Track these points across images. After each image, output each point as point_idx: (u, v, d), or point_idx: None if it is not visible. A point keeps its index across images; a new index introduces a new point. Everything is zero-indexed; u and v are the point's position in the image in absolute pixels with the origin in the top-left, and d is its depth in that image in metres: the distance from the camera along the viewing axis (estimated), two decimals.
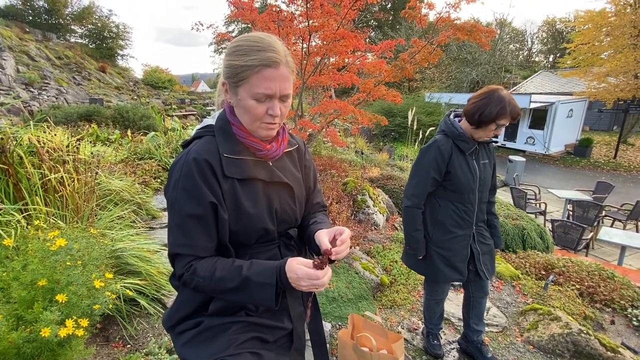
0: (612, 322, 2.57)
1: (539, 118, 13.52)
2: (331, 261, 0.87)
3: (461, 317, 2.43)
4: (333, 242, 0.91)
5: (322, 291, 0.86)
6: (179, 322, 0.96)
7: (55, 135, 2.59)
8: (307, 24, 4.59)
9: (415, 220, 1.81)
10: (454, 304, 2.68)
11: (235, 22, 26.58)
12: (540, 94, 16.71)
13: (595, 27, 13.43)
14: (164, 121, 9.50)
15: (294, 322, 1.00)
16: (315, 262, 0.82)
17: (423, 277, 3.10)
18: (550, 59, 28.96)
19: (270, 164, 0.97)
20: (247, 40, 0.85)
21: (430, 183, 1.74)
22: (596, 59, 13.79)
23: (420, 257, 1.87)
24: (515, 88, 20.08)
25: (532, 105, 12.75)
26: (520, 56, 28.65)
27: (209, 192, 0.85)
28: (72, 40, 22.84)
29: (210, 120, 0.97)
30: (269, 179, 0.94)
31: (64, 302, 1.27)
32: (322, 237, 0.92)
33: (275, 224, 0.96)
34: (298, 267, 0.81)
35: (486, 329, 2.38)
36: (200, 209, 0.85)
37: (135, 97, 18.49)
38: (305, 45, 4.85)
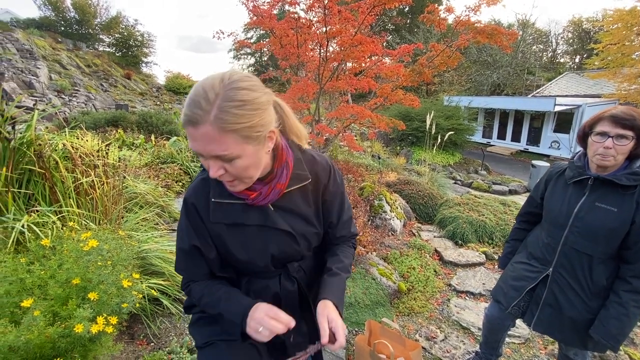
0: None
1: (564, 121, 13.02)
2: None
3: (481, 327, 2.37)
4: (331, 335, 0.86)
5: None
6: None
7: (86, 140, 2.74)
8: (324, 30, 4.65)
9: (511, 231, 1.86)
10: (473, 312, 2.62)
11: (254, 29, 27.10)
12: (566, 96, 16.08)
13: (626, 27, 12.84)
14: None
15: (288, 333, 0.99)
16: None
17: (441, 285, 3.07)
18: (577, 60, 27.84)
19: (269, 205, 0.89)
20: (194, 87, 0.73)
21: (530, 201, 1.73)
22: (627, 60, 13.16)
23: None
24: (538, 90, 19.43)
25: (557, 109, 12.29)
26: (544, 57, 27.71)
27: (195, 236, 0.90)
28: (100, 49, 24.08)
29: None
30: (262, 223, 0.89)
31: (95, 300, 1.34)
32: (322, 321, 0.86)
33: (272, 264, 0.94)
34: (260, 317, 0.83)
35: (508, 340, 2.31)
36: (188, 247, 0.92)
37: (159, 103, 19.12)
38: (323, 51, 4.90)
